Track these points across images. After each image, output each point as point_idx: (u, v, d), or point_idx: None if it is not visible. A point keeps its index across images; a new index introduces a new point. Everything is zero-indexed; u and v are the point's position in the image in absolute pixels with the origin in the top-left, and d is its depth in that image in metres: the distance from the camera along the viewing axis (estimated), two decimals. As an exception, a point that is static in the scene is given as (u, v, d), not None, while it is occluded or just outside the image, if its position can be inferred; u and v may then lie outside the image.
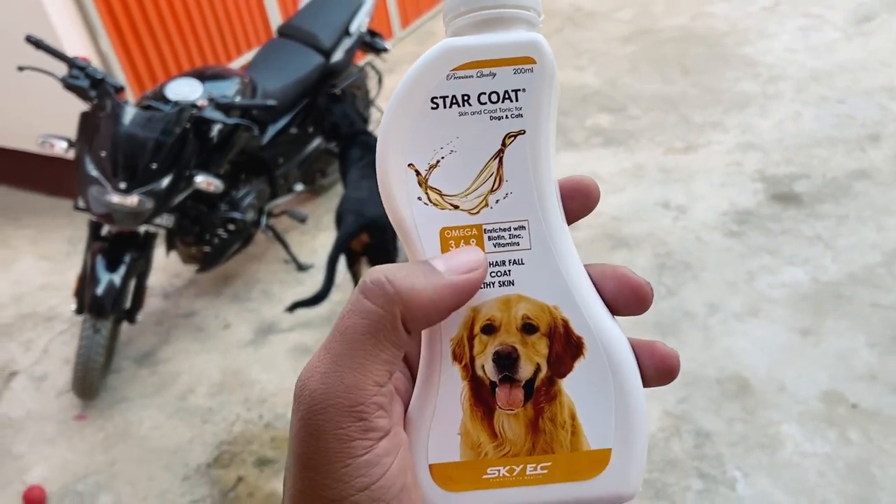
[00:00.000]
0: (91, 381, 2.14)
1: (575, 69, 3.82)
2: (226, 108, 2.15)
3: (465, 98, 0.36)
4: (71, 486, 2.00)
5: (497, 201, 0.36)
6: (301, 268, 2.63)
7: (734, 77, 3.48)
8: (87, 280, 2.07)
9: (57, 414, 2.24)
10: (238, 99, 2.22)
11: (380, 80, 3.09)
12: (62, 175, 3.00)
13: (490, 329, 0.37)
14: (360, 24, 2.74)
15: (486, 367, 0.37)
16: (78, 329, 2.15)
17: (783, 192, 2.64)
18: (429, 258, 0.35)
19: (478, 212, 0.36)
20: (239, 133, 2.23)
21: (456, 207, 0.36)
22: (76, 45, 2.70)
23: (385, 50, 2.91)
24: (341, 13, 2.69)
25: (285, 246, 2.62)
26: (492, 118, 0.36)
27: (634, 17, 4.32)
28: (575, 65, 3.88)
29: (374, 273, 0.33)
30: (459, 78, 0.36)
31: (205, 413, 2.15)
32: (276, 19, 3.52)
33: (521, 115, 0.36)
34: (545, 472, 0.37)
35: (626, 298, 0.37)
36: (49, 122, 2.64)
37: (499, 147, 0.36)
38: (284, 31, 2.70)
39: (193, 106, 2.07)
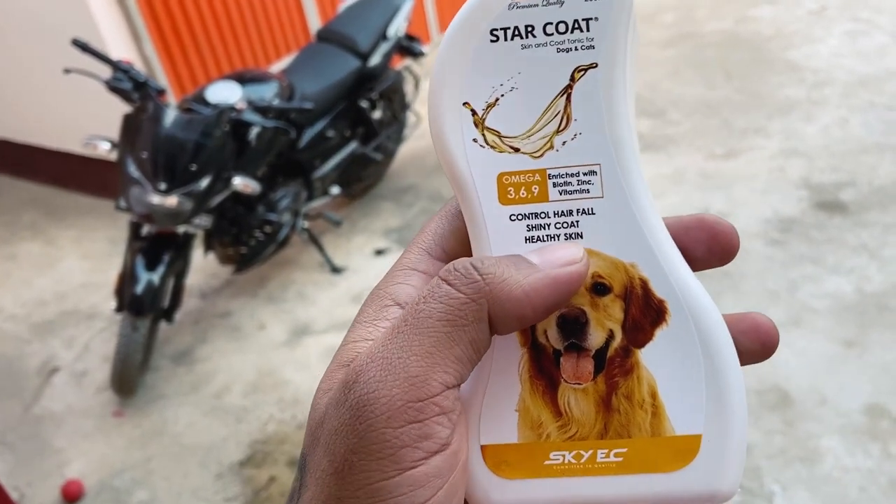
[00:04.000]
0: (129, 378, 2.18)
1: (614, 74, 3.78)
2: (264, 110, 2.18)
3: (530, 29, 0.32)
4: (108, 481, 2.03)
5: (564, 143, 0.32)
6: (336, 270, 2.64)
7: (778, 82, 3.41)
8: (126, 279, 2.10)
9: (96, 410, 2.28)
10: (276, 102, 2.24)
11: (417, 85, 3.10)
12: (105, 176, 3.06)
13: None
14: (397, 28, 2.75)
15: (550, 333, 0.32)
16: (117, 327, 2.19)
17: (828, 200, 2.57)
18: (521, 253, 0.31)
19: (541, 155, 0.32)
20: (277, 136, 2.25)
21: (516, 150, 0.32)
22: (121, 48, 2.76)
23: (422, 54, 2.91)
24: (379, 17, 2.71)
25: (320, 248, 2.64)
26: (559, 50, 0.31)
27: (677, 21, 4.27)
28: (614, 69, 3.83)
29: (460, 261, 0.29)
30: (523, 7, 0.31)
31: (239, 412, 2.17)
32: (315, 23, 3.55)
33: (593, 47, 0.31)
34: (619, 459, 0.31)
35: (716, 250, 0.33)
36: (93, 123, 2.70)
37: (567, 82, 0.32)
38: (323, 35, 2.73)
39: (232, 108, 2.10)
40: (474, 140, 0.32)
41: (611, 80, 0.32)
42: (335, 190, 2.73)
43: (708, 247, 0.33)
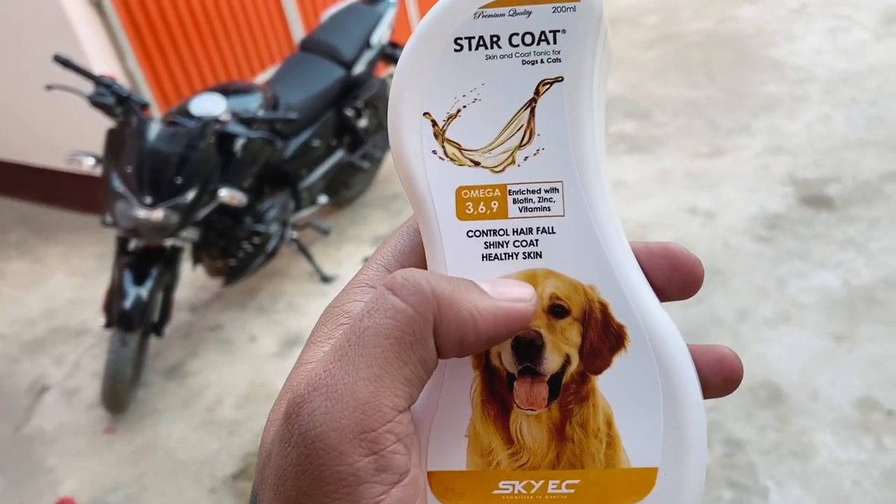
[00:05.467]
0: (120, 394, 2.16)
1: (599, 76, 3.79)
2: (248, 121, 2.17)
3: (495, 39, 0.30)
4: (101, 499, 2.01)
5: (526, 158, 0.31)
6: (326, 279, 2.64)
7: (761, 80, 3.43)
8: (114, 294, 2.09)
9: (87, 427, 2.26)
10: (261, 113, 2.24)
11: (402, 92, 3.09)
12: (92, 192, 3.05)
13: None
14: (380, 35, 2.75)
15: (504, 356, 0.30)
16: (107, 343, 2.17)
17: (813, 196, 2.59)
18: (475, 274, 0.29)
19: (502, 170, 0.31)
20: (262, 146, 2.25)
21: (477, 164, 0.31)
22: (104, 63, 2.75)
23: (407, 61, 2.91)
24: (362, 26, 2.71)
25: (310, 258, 2.63)
26: (524, 62, 0.30)
27: (660, 23, 4.29)
28: (599, 72, 3.85)
29: (408, 271, 0.27)
30: (489, 17, 0.30)
31: (232, 425, 2.16)
32: (298, 34, 3.55)
33: (560, 60, 0.30)
34: (571, 491, 0.30)
35: (679, 280, 0.31)
36: (78, 139, 2.69)
37: (531, 96, 0.30)
38: (306, 45, 2.73)
39: (216, 120, 2.09)
40: (433, 152, 0.31)
41: (577, 94, 0.30)
42: (323, 199, 2.73)
43: (668, 276, 0.31)
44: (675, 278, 0.31)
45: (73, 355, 2.57)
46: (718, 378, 0.31)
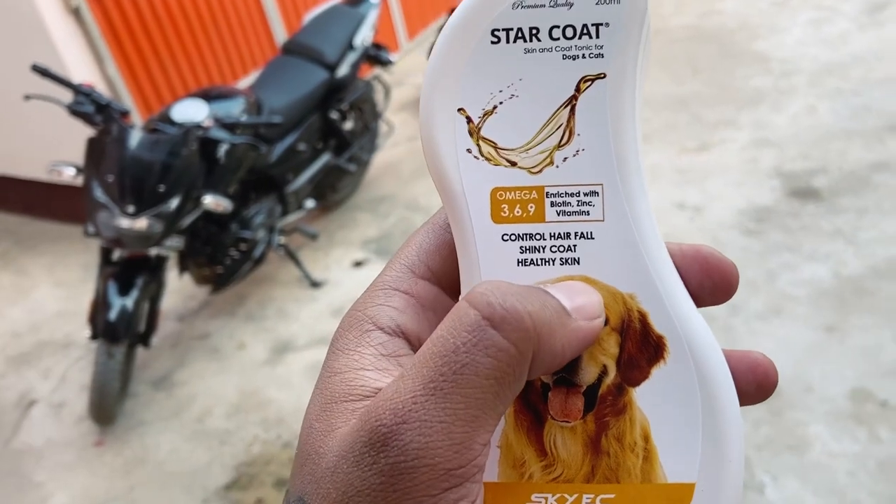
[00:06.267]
0: (108, 406, 2.13)
1: (584, 73, 3.79)
2: (231, 127, 2.15)
3: (534, 32, 0.29)
4: (90, 513, 1.99)
5: (565, 159, 0.29)
6: (315, 284, 2.62)
7: (746, 74, 3.43)
8: (99, 305, 2.06)
9: (76, 441, 2.23)
10: (244, 118, 2.22)
11: (387, 94, 3.08)
12: (75, 202, 3.01)
13: None
14: (363, 37, 2.73)
15: None
16: (94, 355, 2.14)
17: (801, 188, 2.59)
18: (548, 288, 0.27)
19: (540, 171, 0.30)
20: (246, 152, 2.23)
21: (513, 164, 0.30)
22: (83, 71, 2.72)
23: (391, 63, 2.90)
24: (344, 28, 2.69)
25: (298, 263, 2.61)
26: (565, 57, 0.29)
27: (642, 19, 4.29)
28: (583, 69, 3.85)
29: (501, 294, 0.25)
30: (528, 7, 0.29)
31: (222, 435, 2.13)
32: (281, 37, 3.53)
33: (602, 56, 0.29)
34: None
35: (711, 285, 0.30)
36: (59, 149, 2.66)
37: (572, 93, 0.29)
38: (289, 48, 2.71)
39: (199, 126, 2.07)
40: (468, 150, 0.30)
41: (620, 92, 0.29)
42: (310, 203, 2.71)
43: (700, 281, 0.30)
44: (707, 283, 0.30)
45: (60, 368, 2.54)
46: (752, 386, 0.30)
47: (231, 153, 2.17)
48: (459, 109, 0.30)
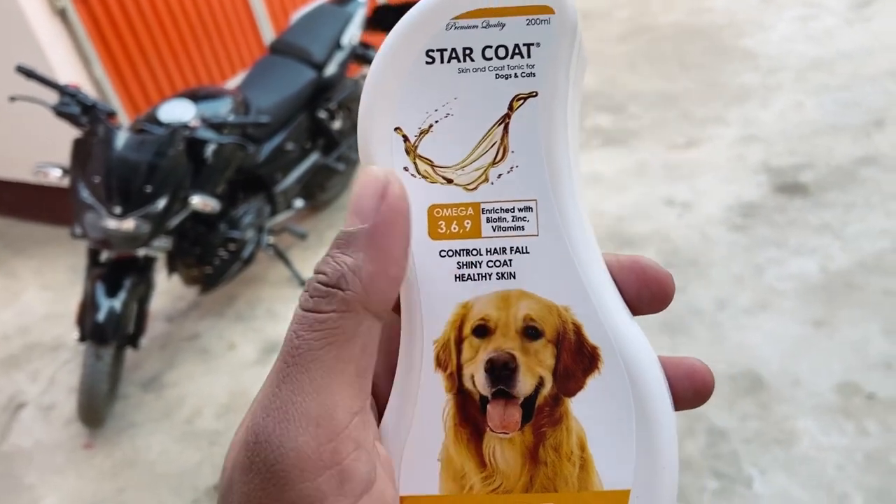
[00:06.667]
0: (97, 408, 2.13)
1: (572, 71, 3.79)
2: (219, 127, 2.14)
3: (468, 52, 0.30)
4: (80, 516, 1.98)
5: (499, 176, 0.30)
6: (304, 284, 2.61)
7: (734, 70, 3.45)
8: (87, 307, 2.05)
9: (65, 443, 2.23)
10: (231, 117, 2.21)
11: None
12: (62, 203, 3.00)
13: (483, 331, 0.30)
14: (351, 36, 2.73)
15: (477, 379, 0.30)
16: (82, 357, 2.13)
17: (788, 183, 2.60)
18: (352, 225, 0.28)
19: (475, 188, 0.30)
20: (234, 152, 2.22)
21: (449, 181, 0.30)
22: (69, 72, 2.71)
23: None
24: (332, 27, 2.69)
25: (288, 263, 2.61)
26: (497, 76, 0.30)
27: (631, 16, 4.30)
28: (572, 66, 3.85)
29: (311, 282, 0.27)
30: (462, 28, 0.29)
31: (212, 435, 2.13)
32: (269, 36, 3.52)
33: (534, 75, 0.30)
34: None
35: (648, 295, 0.31)
36: (45, 150, 2.64)
37: (505, 111, 0.30)
38: (276, 48, 2.70)
39: (186, 127, 2.06)
40: (405, 168, 0.30)
41: (551, 110, 0.30)
42: (299, 203, 2.70)
43: (638, 290, 0.31)
44: (644, 293, 0.31)
45: (49, 371, 2.53)
46: (689, 392, 0.31)
47: (218, 153, 2.17)
48: (396, 128, 0.30)
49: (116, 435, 2.20)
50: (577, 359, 0.30)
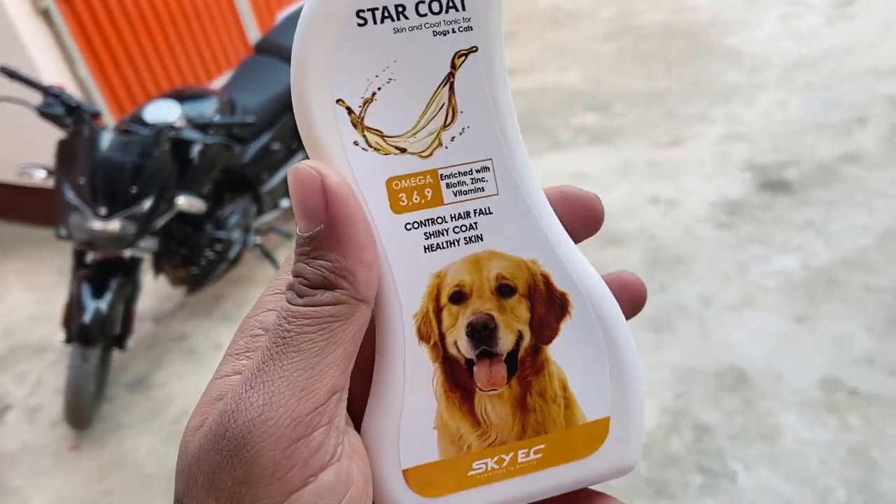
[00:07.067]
0: (83, 410, 2.12)
1: (558, 70, 3.81)
2: (204, 127, 2.14)
3: (400, 9, 0.28)
4: (67, 518, 1.97)
5: (452, 139, 0.29)
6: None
7: (718, 69, 3.47)
8: (73, 308, 2.05)
9: (52, 445, 2.22)
10: (217, 118, 2.21)
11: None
12: (48, 204, 2.98)
13: (460, 297, 0.30)
14: (337, 36, 2.73)
15: (460, 344, 0.30)
16: (68, 359, 2.12)
17: (772, 181, 2.62)
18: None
19: (430, 154, 0.29)
20: (220, 152, 2.22)
21: (403, 151, 0.29)
22: (54, 73, 2.70)
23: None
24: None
25: (274, 263, 2.60)
26: (435, 34, 0.28)
27: (616, 15, 4.32)
28: (558, 65, 3.87)
29: (297, 268, 0.28)
30: None
31: (200, 436, 2.12)
32: (254, 37, 3.51)
33: (471, 28, 0.28)
34: (539, 456, 0.31)
35: (581, 223, 0.32)
36: (30, 152, 2.63)
37: (448, 70, 0.29)
38: (261, 47, 2.70)
39: (171, 127, 2.06)
40: (355, 143, 0.29)
41: (492, 64, 0.29)
42: (285, 203, 2.70)
43: (570, 219, 0.32)
44: (577, 222, 0.32)
45: (35, 372, 2.51)
46: (627, 304, 0.33)
47: (204, 153, 2.16)
48: (338, 101, 0.28)
49: (104, 436, 2.19)
50: (550, 307, 0.31)
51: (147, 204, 2.01)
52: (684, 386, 1.92)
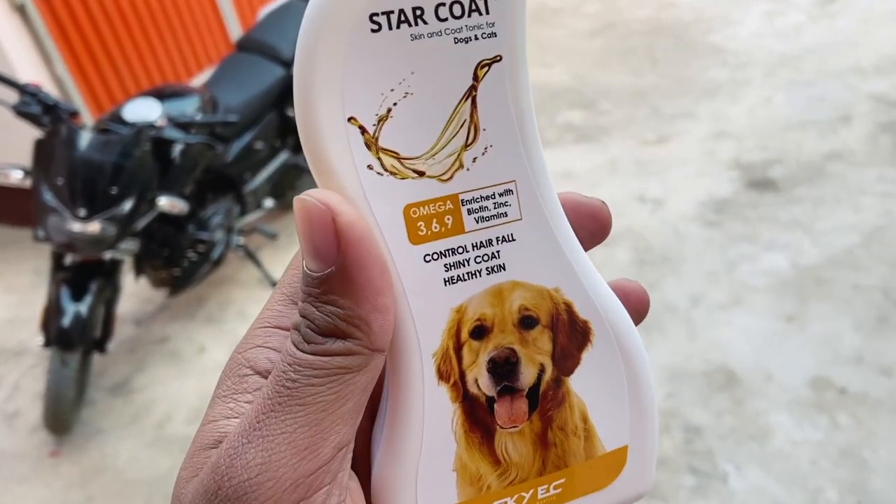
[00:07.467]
0: (63, 415, 2.07)
1: (543, 67, 3.79)
2: (186, 126, 2.10)
3: (418, 12, 0.25)
4: (47, 527, 1.93)
5: (474, 160, 0.27)
6: (275, 285, 2.57)
7: (702, 66, 3.47)
8: (52, 312, 2.00)
9: (31, 451, 2.17)
10: (199, 116, 2.16)
11: (346, 89, 3.04)
12: (25, 205, 2.92)
13: (481, 332, 0.28)
14: (321, 33, 2.69)
15: (481, 381, 0.28)
16: (47, 363, 2.08)
17: (758, 179, 2.62)
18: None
19: (450, 177, 0.27)
20: (202, 151, 2.17)
21: (421, 174, 0.26)
22: (30, 71, 2.63)
23: (349, 57, 2.86)
24: (301, 22, 2.64)
25: (258, 263, 2.56)
26: (457, 41, 0.26)
27: (600, 12, 4.31)
28: (543, 62, 3.85)
29: (309, 315, 0.25)
30: None
31: (184, 441, 2.08)
32: (236, 33, 3.46)
33: (495, 35, 0.26)
34: (559, 491, 0.30)
35: (588, 230, 0.31)
36: (5, 151, 2.57)
37: (470, 83, 0.26)
38: (244, 44, 2.65)
39: (152, 126, 2.01)
40: (369, 167, 0.26)
41: (516, 75, 0.27)
42: (269, 202, 2.66)
43: (576, 227, 0.30)
44: (582, 228, 0.31)
45: (13, 377, 2.46)
46: (634, 314, 0.32)
47: (186, 153, 2.12)
48: (350, 119, 0.25)
49: (84, 442, 2.15)
50: (572, 337, 0.29)
51: (128, 205, 1.97)
52: (673, 386, 1.91)
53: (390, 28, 0.25)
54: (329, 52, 0.25)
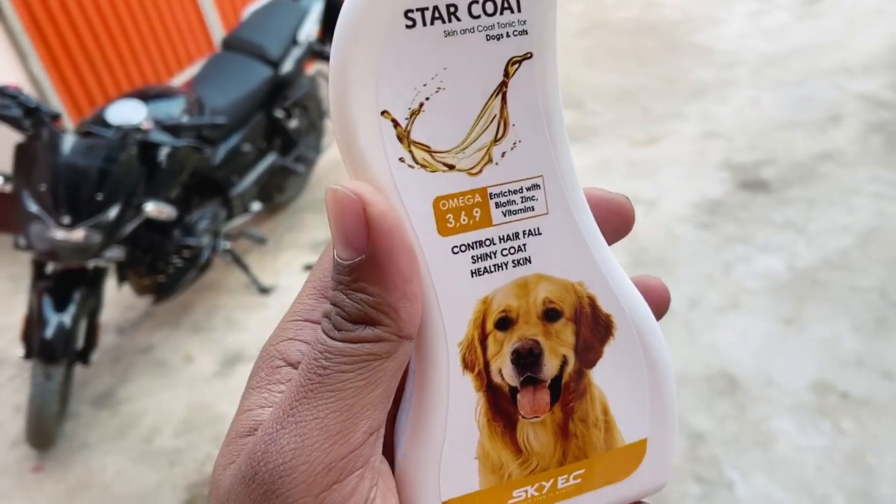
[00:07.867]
0: (46, 429, 2.00)
1: (529, 66, 3.76)
2: (173, 129, 2.03)
3: (452, 10, 0.26)
4: (32, 546, 1.86)
5: (503, 154, 0.28)
6: (264, 290, 2.51)
7: (690, 66, 3.46)
8: (33, 323, 1.92)
9: (12, 467, 2.09)
10: (185, 119, 2.10)
11: (332, 90, 2.98)
12: (3, 211, 2.83)
13: (506, 323, 0.29)
14: (308, 32, 2.63)
15: (505, 371, 0.29)
16: (29, 374, 2.00)
17: (750, 180, 2.61)
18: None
19: (479, 171, 0.27)
20: (189, 155, 2.11)
21: (451, 168, 0.27)
22: (6, 72, 2.54)
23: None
24: (288, 22, 2.58)
25: (245, 269, 2.50)
26: (489, 38, 0.26)
27: (585, 11, 4.29)
28: (529, 62, 3.81)
29: (341, 303, 0.26)
30: None
31: (172, 454, 2.02)
32: (217, 31, 3.39)
33: (526, 32, 0.27)
34: (578, 481, 0.31)
35: (611, 225, 0.31)
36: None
37: (501, 79, 0.27)
38: (229, 44, 2.58)
39: (138, 129, 1.94)
40: (401, 160, 0.26)
41: (546, 73, 0.27)
42: (256, 206, 2.60)
43: (601, 227, 0.31)
44: (605, 224, 0.31)
45: (-9, 388, 2.37)
46: (654, 308, 0.32)
47: (173, 157, 2.05)
48: (383, 112, 0.26)
49: (68, 456, 2.08)
50: (595, 330, 0.30)
51: (113, 212, 1.90)
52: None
53: (424, 24, 0.26)
54: (364, 47, 0.25)
